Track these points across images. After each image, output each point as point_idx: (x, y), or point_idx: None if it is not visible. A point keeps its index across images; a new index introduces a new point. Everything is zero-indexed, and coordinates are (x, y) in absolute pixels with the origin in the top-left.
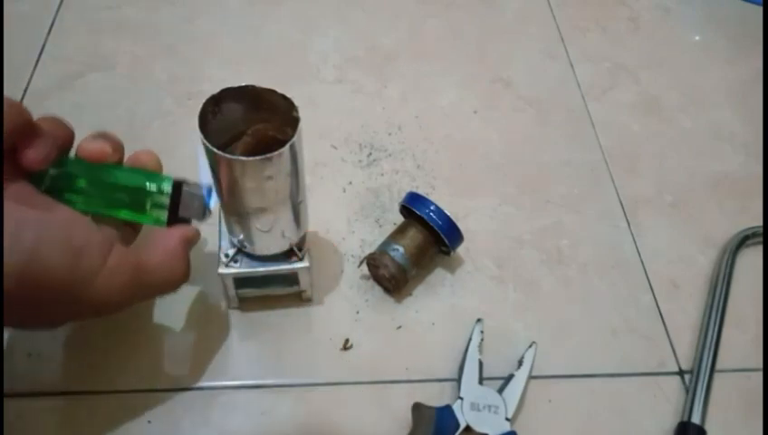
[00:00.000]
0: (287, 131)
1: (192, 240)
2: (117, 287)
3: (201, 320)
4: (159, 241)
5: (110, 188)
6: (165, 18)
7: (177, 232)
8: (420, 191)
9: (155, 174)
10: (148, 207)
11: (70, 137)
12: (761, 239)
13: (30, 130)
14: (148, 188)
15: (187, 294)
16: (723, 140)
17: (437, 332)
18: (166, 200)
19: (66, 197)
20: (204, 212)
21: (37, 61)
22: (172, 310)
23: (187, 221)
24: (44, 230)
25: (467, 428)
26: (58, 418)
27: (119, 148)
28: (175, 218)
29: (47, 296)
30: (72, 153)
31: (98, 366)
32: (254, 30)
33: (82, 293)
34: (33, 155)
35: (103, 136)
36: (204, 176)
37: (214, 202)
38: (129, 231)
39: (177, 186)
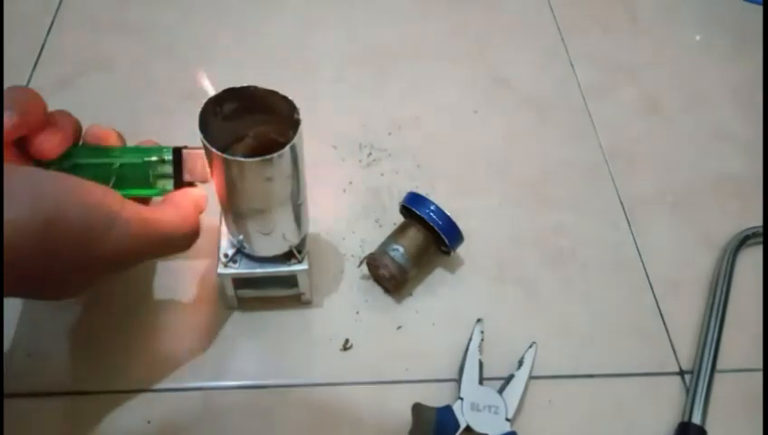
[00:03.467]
0: (288, 134)
1: (200, 201)
2: (130, 240)
3: (201, 320)
4: (169, 199)
5: (115, 169)
6: (165, 18)
7: (186, 192)
8: (420, 191)
9: (155, 147)
10: (151, 178)
11: (78, 130)
12: (761, 239)
13: (44, 119)
14: (148, 160)
15: (186, 293)
16: (723, 140)
17: (437, 332)
18: (169, 169)
19: None
20: (208, 173)
21: (37, 60)
22: (172, 310)
23: (192, 185)
24: (64, 186)
25: (467, 428)
26: (58, 418)
27: (120, 134)
28: (180, 184)
29: (65, 252)
30: None
31: (98, 366)
32: (254, 30)
33: (98, 245)
34: (46, 144)
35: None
36: None
37: None
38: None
39: (178, 152)
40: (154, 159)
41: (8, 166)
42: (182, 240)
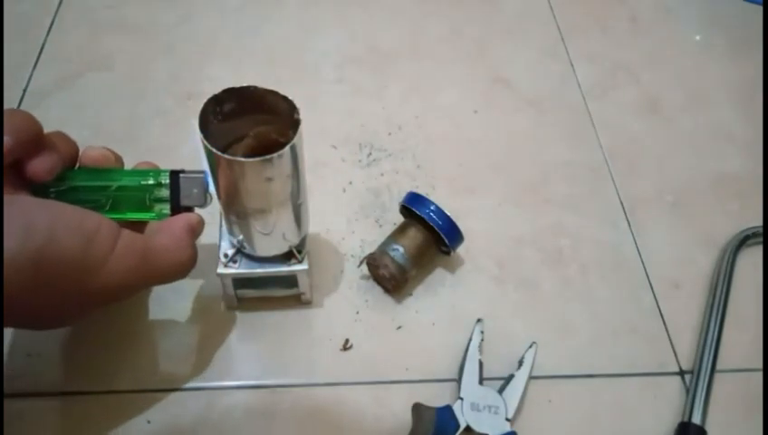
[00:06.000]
0: (288, 134)
1: (196, 226)
2: (126, 271)
3: (201, 320)
4: (165, 227)
5: (111, 192)
6: (164, 18)
7: (182, 218)
8: (420, 191)
9: (152, 169)
10: (148, 202)
11: (74, 152)
12: (761, 239)
13: (39, 141)
14: (145, 183)
15: (186, 293)
16: (723, 140)
17: (437, 332)
18: (165, 192)
19: None
20: (205, 197)
21: (37, 60)
22: (172, 310)
23: (190, 209)
24: (59, 215)
25: (467, 428)
26: (58, 418)
27: (118, 156)
28: (178, 208)
29: (61, 282)
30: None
31: (97, 366)
32: (254, 30)
33: (94, 277)
34: (40, 166)
35: (103, 146)
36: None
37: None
38: (135, 229)
39: (175, 175)
40: (151, 182)
41: None
42: (179, 269)
